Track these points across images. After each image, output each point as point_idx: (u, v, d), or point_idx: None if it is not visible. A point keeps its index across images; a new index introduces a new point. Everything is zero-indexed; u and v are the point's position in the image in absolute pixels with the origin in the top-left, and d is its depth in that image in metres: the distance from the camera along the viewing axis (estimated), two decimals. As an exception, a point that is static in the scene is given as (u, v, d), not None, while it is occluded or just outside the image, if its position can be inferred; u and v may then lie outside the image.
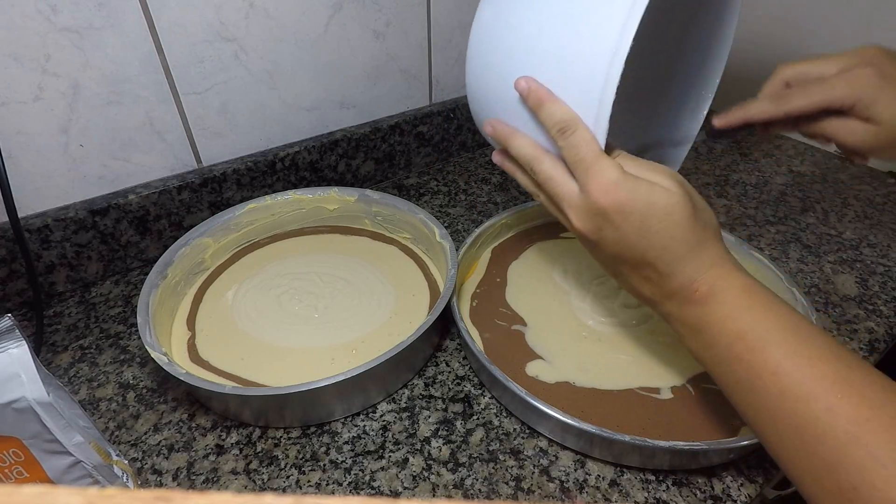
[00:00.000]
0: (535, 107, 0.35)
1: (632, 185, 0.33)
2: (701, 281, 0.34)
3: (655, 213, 0.33)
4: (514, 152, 0.38)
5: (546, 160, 0.36)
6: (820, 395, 0.29)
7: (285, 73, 0.61)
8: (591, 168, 0.33)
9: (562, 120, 0.34)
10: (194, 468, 0.40)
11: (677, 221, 0.33)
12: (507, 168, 0.41)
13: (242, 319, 0.51)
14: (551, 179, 0.36)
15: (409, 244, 0.60)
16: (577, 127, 0.34)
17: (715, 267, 0.34)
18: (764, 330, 0.32)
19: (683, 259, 0.33)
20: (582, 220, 0.35)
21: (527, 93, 0.35)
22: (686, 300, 0.34)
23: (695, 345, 0.35)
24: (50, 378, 0.32)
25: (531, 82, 0.35)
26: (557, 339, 0.48)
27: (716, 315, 0.33)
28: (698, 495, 0.39)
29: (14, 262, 0.51)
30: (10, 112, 0.48)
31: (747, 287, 0.33)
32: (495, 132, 0.39)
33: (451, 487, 0.39)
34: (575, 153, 0.34)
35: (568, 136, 0.34)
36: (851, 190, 0.72)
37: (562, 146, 0.34)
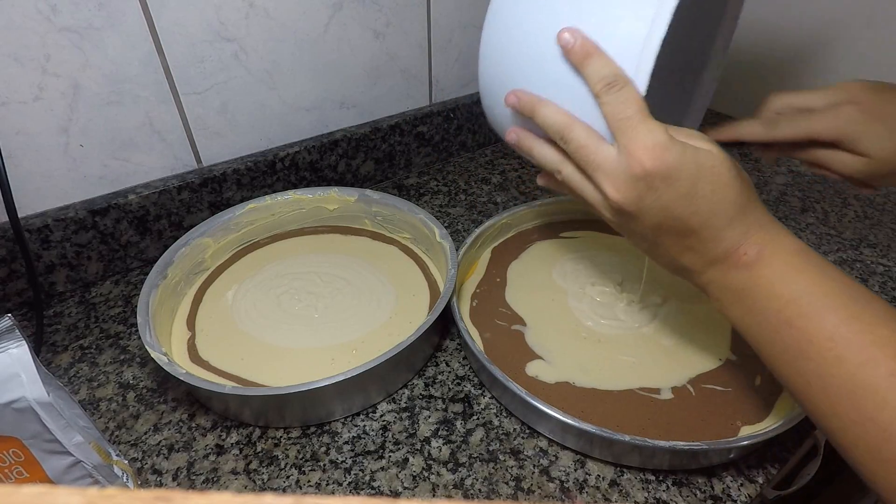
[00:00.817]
0: (582, 60, 0.32)
1: (680, 147, 0.31)
2: (749, 244, 0.32)
3: (704, 176, 0.31)
4: (543, 120, 0.35)
5: (578, 126, 0.34)
6: (881, 360, 0.28)
7: (285, 73, 0.61)
8: (639, 128, 0.31)
9: (610, 74, 0.32)
10: (194, 468, 0.40)
11: (726, 183, 0.32)
12: (524, 145, 0.38)
13: (242, 319, 0.51)
14: (585, 147, 0.33)
15: (409, 244, 0.60)
16: (626, 83, 0.32)
17: (762, 229, 0.33)
18: (819, 294, 0.30)
19: (731, 222, 0.32)
20: (621, 189, 0.32)
21: (572, 45, 0.32)
22: (732, 265, 0.33)
23: (736, 311, 0.34)
24: (50, 378, 0.32)
25: (577, 34, 0.32)
26: (557, 339, 0.48)
27: (765, 279, 0.32)
28: (698, 495, 0.39)
29: (14, 262, 0.51)
30: (10, 112, 0.48)
31: (799, 250, 0.32)
32: (520, 102, 0.36)
33: (451, 487, 0.39)
34: (622, 110, 0.32)
35: (616, 91, 0.32)
36: (851, 190, 0.72)
37: (606, 101, 0.32)
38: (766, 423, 0.41)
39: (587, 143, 0.33)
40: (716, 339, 0.48)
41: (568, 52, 0.33)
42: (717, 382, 0.44)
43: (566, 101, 0.34)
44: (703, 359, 0.46)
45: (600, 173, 0.33)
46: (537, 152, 0.37)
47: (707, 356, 0.46)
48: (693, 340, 0.48)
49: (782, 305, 0.31)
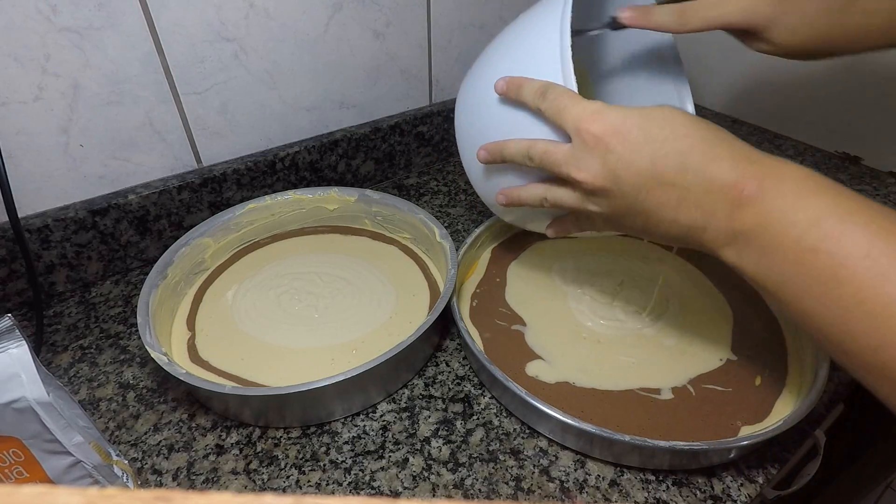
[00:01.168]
0: (516, 92, 0.37)
1: (618, 108, 0.33)
2: (746, 177, 0.30)
3: (654, 122, 0.32)
4: (510, 154, 0.39)
5: (538, 142, 0.37)
6: None
7: (285, 73, 0.61)
8: (574, 108, 0.34)
9: (539, 87, 0.36)
10: (194, 468, 0.40)
11: (682, 123, 0.31)
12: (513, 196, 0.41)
13: (242, 319, 0.51)
14: (546, 152, 0.36)
15: (409, 244, 0.60)
16: (552, 86, 0.36)
17: (755, 161, 0.30)
18: (842, 212, 0.27)
19: (711, 158, 0.30)
20: (584, 166, 0.34)
21: (506, 87, 0.38)
22: (734, 205, 0.30)
23: (752, 257, 0.30)
24: (50, 378, 0.32)
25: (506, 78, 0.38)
26: (557, 339, 0.48)
27: (776, 209, 0.29)
28: (698, 495, 0.39)
29: (14, 262, 0.51)
30: (10, 112, 0.48)
31: (809, 174, 0.29)
32: (488, 152, 0.40)
33: (451, 487, 0.39)
34: (556, 105, 0.35)
35: (547, 95, 0.35)
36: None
37: (544, 108, 0.36)
38: (766, 423, 0.41)
39: (546, 147, 0.36)
40: (717, 339, 0.48)
41: (506, 93, 0.38)
42: (718, 382, 0.44)
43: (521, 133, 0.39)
44: (704, 359, 0.46)
45: (565, 166, 0.35)
46: (525, 195, 0.40)
47: (708, 356, 0.46)
48: (694, 341, 0.48)
49: (802, 232, 0.28)
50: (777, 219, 0.29)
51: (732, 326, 0.49)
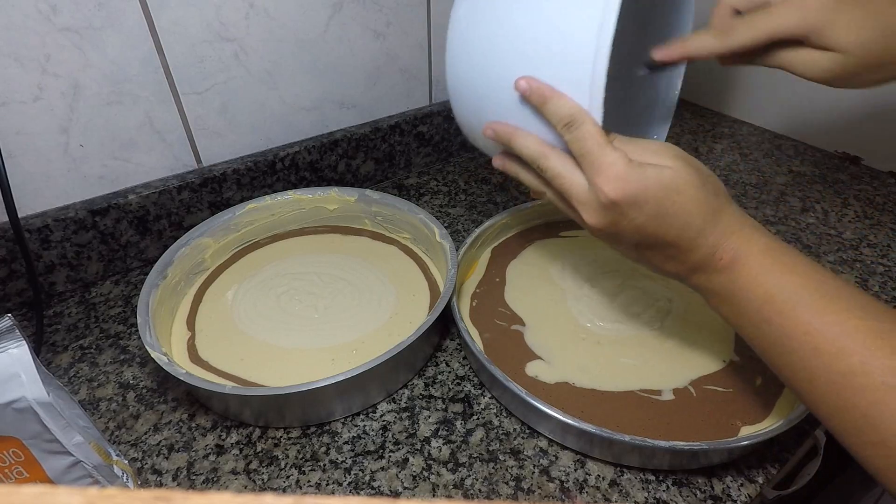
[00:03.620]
0: (540, 104, 0.34)
1: (639, 174, 0.32)
2: (724, 249, 0.33)
3: (668, 196, 0.33)
4: (519, 151, 0.37)
5: (553, 155, 0.35)
6: (854, 349, 0.29)
7: (285, 73, 0.61)
8: (598, 161, 0.33)
9: (568, 114, 0.33)
10: (194, 468, 0.40)
11: (690, 197, 0.33)
12: (510, 170, 0.40)
13: (242, 319, 0.51)
14: (560, 176, 0.35)
15: (409, 244, 0.60)
16: (583, 120, 0.33)
17: (735, 233, 0.34)
18: (790, 291, 0.32)
19: (703, 231, 0.33)
20: (595, 216, 0.34)
21: (529, 92, 0.34)
22: (712, 270, 0.34)
23: (726, 311, 0.35)
24: (50, 378, 0.32)
25: (531, 81, 0.34)
26: (556, 340, 0.48)
27: (742, 280, 0.33)
28: (698, 495, 0.39)
29: (14, 262, 0.51)
30: (10, 112, 0.48)
31: (768, 248, 0.33)
32: (497, 134, 0.38)
33: (451, 487, 0.39)
34: (581, 146, 0.33)
35: (574, 129, 0.33)
36: (851, 190, 0.72)
37: (568, 140, 0.34)
38: (766, 423, 0.41)
39: (561, 171, 0.35)
40: (719, 340, 0.48)
41: (528, 99, 0.35)
42: (719, 383, 0.44)
43: (538, 131, 0.36)
44: (706, 360, 0.46)
45: (575, 201, 0.35)
46: (523, 177, 0.39)
47: (710, 358, 0.46)
48: (696, 342, 0.48)
49: (760, 304, 0.33)
50: (743, 288, 0.33)
51: None
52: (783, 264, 0.33)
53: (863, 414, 0.29)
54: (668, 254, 0.35)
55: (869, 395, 0.28)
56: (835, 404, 0.30)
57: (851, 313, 0.30)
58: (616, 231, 0.35)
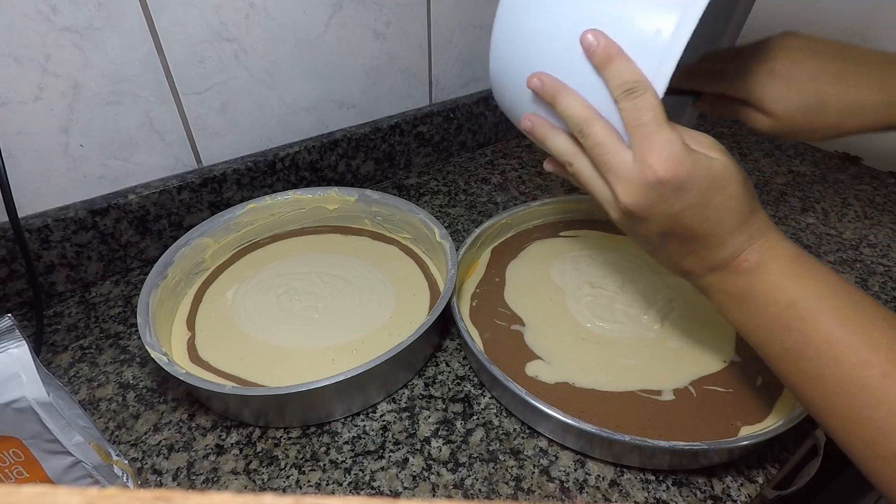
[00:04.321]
0: (603, 62, 0.32)
1: (693, 158, 0.31)
2: (751, 250, 0.33)
3: (714, 187, 0.32)
4: (564, 109, 0.34)
5: (599, 122, 0.33)
6: (875, 361, 0.29)
7: (285, 73, 0.61)
8: (654, 136, 0.31)
9: (630, 80, 0.31)
10: (194, 468, 0.40)
11: (733, 193, 0.32)
12: (539, 132, 0.37)
13: (242, 319, 0.51)
14: (602, 145, 0.33)
15: (409, 244, 0.60)
16: (645, 90, 0.31)
17: (764, 236, 0.33)
18: (815, 298, 0.32)
19: (736, 230, 0.33)
20: (633, 194, 0.32)
21: (595, 47, 0.32)
22: (732, 271, 0.34)
23: (737, 314, 0.35)
24: (50, 378, 0.32)
25: (601, 36, 0.32)
26: (555, 340, 0.48)
27: (764, 284, 0.33)
28: (698, 495, 0.39)
29: (14, 262, 0.51)
30: (10, 112, 0.48)
31: (796, 255, 0.33)
32: (543, 86, 0.35)
33: (451, 487, 0.39)
34: (638, 116, 0.31)
35: (634, 97, 0.31)
36: (851, 190, 0.72)
37: (625, 107, 0.32)
38: (766, 424, 0.41)
39: (605, 141, 0.33)
40: (720, 341, 0.48)
41: (590, 55, 0.32)
42: (719, 384, 0.44)
43: (588, 94, 0.34)
44: (707, 361, 0.46)
45: (613, 175, 0.33)
46: (551, 142, 0.37)
47: (711, 358, 0.46)
48: (697, 343, 0.48)
49: (781, 310, 0.32)
50: (763, 292, 0.33)
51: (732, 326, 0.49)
52: (809, 271, 0.33)
53: (877, 427, 0.28)
54: (691, 248, 0.34)
55: (885, 409, 0.28)
56: (847, 416, 0.30)
57: (875, 326, 0.30)
58: (648, 215, 0.33)
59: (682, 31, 0.31)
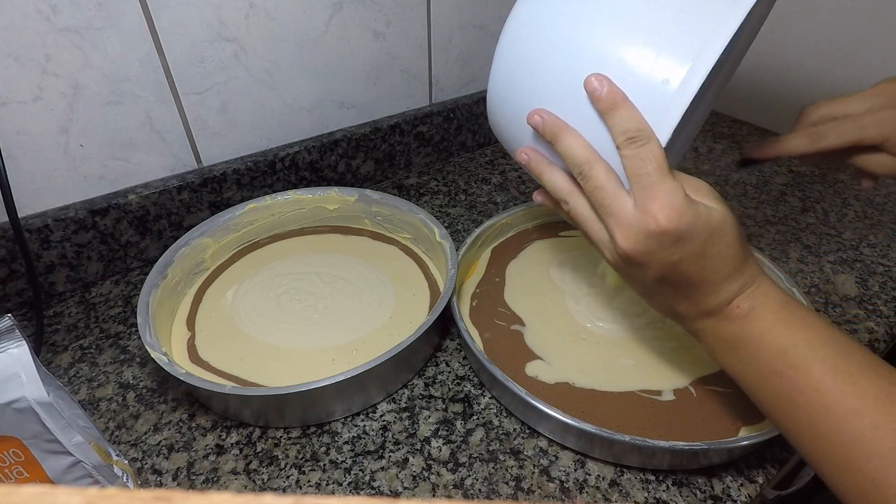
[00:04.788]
0: (607, 109, 0.32)
1: (695, 210, 0.31)
2: (743, 297, 0.33)
3: (713, 237, 0.32)
4: (564, 150, 0.34)
5: (601, 166, 0.33)
6: (865, 412, 0.29)
7: (285, 73, 0.61)
8: (656, 186, 0.31)
9: (634, 129, 0.31)
10: (194, 468, 0.40)
11: (729, 243, 0.33)
12: (535, 166, 0.37)
13: (242, 319, 0.51)
14: (602, 189, 0.33)
15: (409, 244, 0.60)
16: (649, 140, 0.31)
17: (755, 282, 0.34)
18: (805, 346, 0.32)
19: (730, 278, 0.33)
20: (632, 241, 0.32)
21: (599, 93, 0.32)
22: (725, 317, 0.34)
23: (729, 359, 0.35)
24: (50, 378, 0.32)
25: (605, 82, 0.32)
26: (555, 340, 0.48)
27: (756, 331, 0.33)
28: (698, 495, 0.39)
29: (14, 262, 0.51)
30: (10, 112, 0.48)
31: (786, 302, 0.34)
32: (544, 124, 0.34)
33: (451, 487, 0.39)
34: (641, 166, 0.31)
35: (637, 146, 0.31)
36: (851, 190, 0.72)
37: (627, 155, 0.32)
38: (766, 424, 0.41)
39: (606, 185, 0.33)
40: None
41: (594, 100, 0.32)
42: (720, 384, 0.44)
43: (589, 135, 0.33)
44: (708, 361, 0.46)
45: (613, 219, 0.33)
46: (548, 178, 0.37)
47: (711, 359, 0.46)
48: (698, 343, 0.47)
49: (772, 357, 0.32)
50: (755, 338, 0.33)
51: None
52: (800, 319, 0.33)
53: (869, 478, 0.28)
54: (685, 294, 0.34)
55: (877, 460, 0.28)
56: (840, 465, 0.30)
57: (865, 375, 0.30)
58: (646, 261, 0.33)
59: (691, 82, 0.30)
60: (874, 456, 0.28)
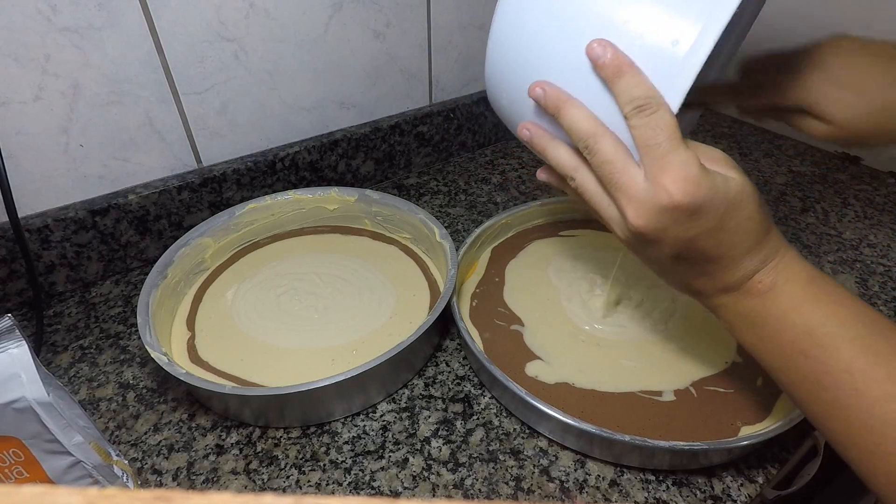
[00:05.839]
0: (612, 76, 0.30)
1: (711, 181, 0.29)
2: (765, 271, 0.32)
3: (731, 210, 0.30)
4: (568, 123, 0.32)
5: (608, 138, 0.31)
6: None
7: (285, 73, 0.61)
8: (668, 157, 0.29)
9: (642, 96, 0.29)
10: (194, 468, 0.40)
11: (749, 215, 0.31)
12: (538, 143, 0.35)
13: (242, 319, 0.51)
14: (611, 163, 0.31)
15: (409, 244, 0.60)
16: (659, 107, 0.29)
17: (778, 255, 0.32)
18: (834, 325, 0.30)
19: (750, 252, 0.31)
20: (645, 217, 0.30)
21: (603, 60, 0.29)
22: (745, 292, 0.32)
23: (750, 337, 0.33)
24: (50, 378, 0.32)
25: (609, 48, 0.29)
26: (554, 340, 0.48)
27: (779, 308, 0.31)
28: (698, 495, 0.39)
29: (14, 262, 0.51)
30: (10, 112, 0.48)
31: (813, 277, 0.32)
32: (546, 97, 0.32)
33: (451, 487, 0.39)
34: (652, 136, 0.29)
35: (647, 115, 0.29)
36: (851, 190, 0.72)
37: (636, 125, 0.30)
38: (766, 424, 0.41)
39: (614, 158, 0.31)
40: (722, 342, 0.48)
41: (598, 67, 0.30)
42: (720, 384, 0.44)
43: (595, 106, 0.31)
44: (708, 362, 0.46)
45: (623, 194, 0.31)
46: (552, 153, 0.34)
47: (712, 359, 0.46)
48: (699, 344, 0.47)
49: (797, 335, 0.31)
50: (779, 316, 0.31)
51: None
52: (828, 295, 0.31)
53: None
54: (703, 269, 0.32)
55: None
56: (869, 449, 0.28)
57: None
58: (660, 238, 0.31)
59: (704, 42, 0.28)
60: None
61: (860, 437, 0.29)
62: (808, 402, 0.31)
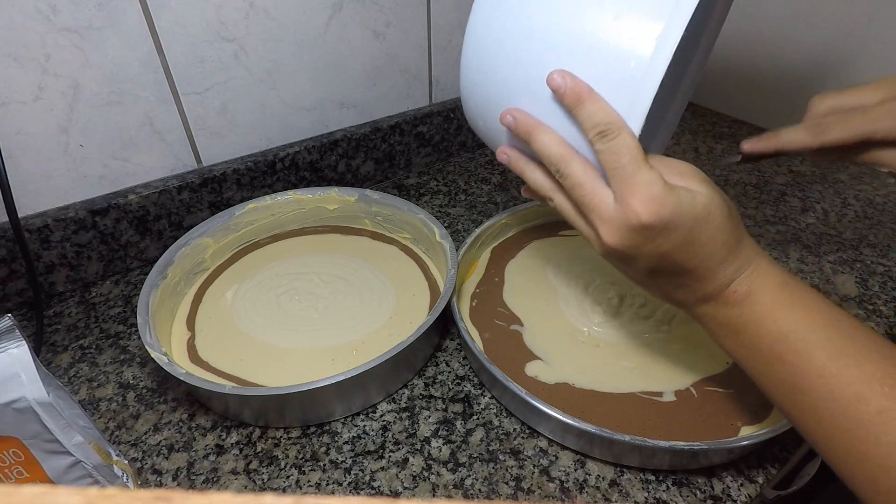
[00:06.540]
0: (573, 104, 0.31)
1: (676, 198, 0.30)
2: (740, 280, 0.33)
3: (700, 224, 0.31)
4: (539, 148, 0.33)
5: (576, 162, 0.32)
6: (870, 397, 0.28)
7: (285, 73, 0.61)
8: (633, 178, 0.30)
9: (604, 122, 0.30)
10: (194, 468, 0.40)
11: (718, 226, 0.31)
12: (516, 166, 0.37)
13: (242, 319, 0.51)
14: (581, 186, 0.32)
15: (409, 244, 0.60)
16: (620, 131, 0.30)
17: (752, 265, 0.33)
18: (806, 330, 0.31)
19: (724, 262, 0.32)
20: (616, 236, 0.32)
21: (563, 89, 0.31)
22: (723, 302, 0.33)
23: (730, 344, 0.34)
24: (50, 378, 0.32)
25: (568, 77, 0.31)
26: (553, 341, 0.48)
27: (755, 315, 0.32)
28: (698, 495, 0.39)
29: (14, 262, 0.51)
30: (10, 112, 0.48)
31: (785, 284, 0.32)
32: (517, 124, 0.34)
33: (451, 487, 0.39)
34: (615, 160, 0.30)
35: (609, 140, 0.30)
36: (851, 190, 0.72)
37: (600, 150, 0.31)
38: (766, 424, 0.41)
39: (583, 181, 0.32)
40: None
41: (559, 97, 0.31)
42: (720, 384, 0.44)
43: (563, 131, 0.33)
44: (709, 363, 0.46)
45: (595, 216, 0.32)
46: (530, 176, 0.36)
47: (713, 360, 0.46)
48: (700, 345, 0.47)
49: (773, 341, 0.32)
50: (755, 323, 0.32)
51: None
52: (800, 300, 0.32)
53: (878, 465, 0.28)
54: (681, 282, 0.34)
55: (885, 446, 0.27)
56: (847, 451, 0.29)
57: (869, 359, 0.29)
58: (634, 255, 0.32)
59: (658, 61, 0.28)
60: (882, 442, 0.28)
61: (838, 440, 0.29)
62: (788, 406, 0.32)
